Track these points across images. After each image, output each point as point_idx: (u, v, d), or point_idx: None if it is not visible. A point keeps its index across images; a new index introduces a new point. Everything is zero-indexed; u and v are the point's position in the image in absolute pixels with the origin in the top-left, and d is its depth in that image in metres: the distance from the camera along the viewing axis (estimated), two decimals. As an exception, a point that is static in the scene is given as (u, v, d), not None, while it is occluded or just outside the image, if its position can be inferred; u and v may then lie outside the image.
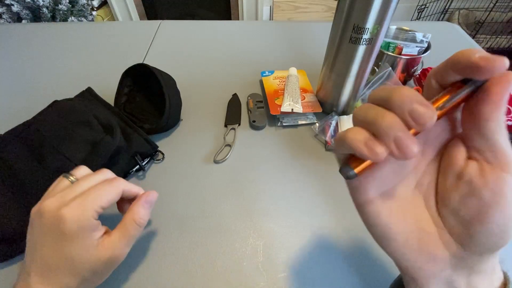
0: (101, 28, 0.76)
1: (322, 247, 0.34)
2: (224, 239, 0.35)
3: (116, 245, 0.27)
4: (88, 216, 0.25)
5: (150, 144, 0.42)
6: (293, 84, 0.51)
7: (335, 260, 0.33)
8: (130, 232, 0.28)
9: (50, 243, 0.25)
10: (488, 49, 1.87)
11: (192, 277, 0.32)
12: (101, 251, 0.26)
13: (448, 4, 2.07)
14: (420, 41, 0.52)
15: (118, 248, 0.27)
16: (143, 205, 0.30)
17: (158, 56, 0.65)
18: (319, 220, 0.37)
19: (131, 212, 0.29)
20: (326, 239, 0.35)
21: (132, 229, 0.28)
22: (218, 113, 0.51)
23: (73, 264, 0.25)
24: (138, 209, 0.29)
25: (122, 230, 0.28)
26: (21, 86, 0.57)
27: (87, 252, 0.25)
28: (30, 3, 1.36)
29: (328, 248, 0.34)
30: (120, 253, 0.27)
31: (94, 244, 0.26)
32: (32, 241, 0.26)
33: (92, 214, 0.26)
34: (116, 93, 0.48)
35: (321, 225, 0.36)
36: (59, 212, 0.25)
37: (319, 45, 0.64)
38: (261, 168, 0.43)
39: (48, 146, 0.34)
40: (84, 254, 0.25)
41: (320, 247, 0.34)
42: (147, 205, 0.30)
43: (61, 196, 0.26)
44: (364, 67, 0.43)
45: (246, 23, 0.92)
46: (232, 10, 2.07)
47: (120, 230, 0.28)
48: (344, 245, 0.35)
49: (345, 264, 0.33)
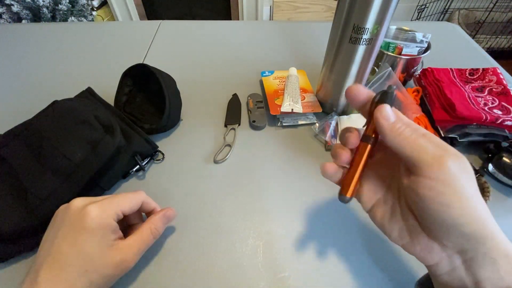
0: (101, 28, 0.76)
1: (322, 247, 0.34)
2: (224, 239, 0.35)
3: (129, 250, 0.28)
4: (109, 216, 0.27)
5: (150, 144, 0.42)
6: (293, 84, 0.51)
7: (335, 260, 0.33)
8: (144, 240, 0.30)
9: (69, 236, 0.26)
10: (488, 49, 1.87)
11: (192, 277, 0.32)
12: (114, 253, 0.27)
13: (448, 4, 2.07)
14: (420, 41, 0.52)
15: (130, 253, 0.28)
16: (161, 218, 0.32)
17: (158, 56, 0.65)
18: (319, 220, 0.37)
19: (150, 222, 0.31)
20: (326, 239, 0.35)
21: (147, 238, 0.30)
22: (218, 113, 0.51)
23: (86, 261, 0.26)
24: (156, 221, 0.31)
25: (137, 236, 0.29)
26: (21, 86, 0.57)
27: (101, 251, 0.26)
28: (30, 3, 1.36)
29: (328, 248, 0.34)
30: (131, 258, 0.28)
31: (109, 244, 0.27)
32: (51, 234, 0.27)
33: (113, 215, 0.28)
34: (116, 93, 0.48)
35: (321, 225, 0.36)
36: (85, 207, 0.27)
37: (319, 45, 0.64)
38: (261, 168, 0.43)
39: (48, 146, 0.34)
40: (98, 252, 0.26)
41: (320, 247, 0.34)
42: (165, 220, 0.33)
43: (89, 198, 0.29)
44: (364, 67, 0.43)
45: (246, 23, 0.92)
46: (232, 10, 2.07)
47: (135, 236, 0.29)
48: (344, 245, 0.35)
49: (345, 264, 0.33)
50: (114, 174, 0.39)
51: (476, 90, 0.49)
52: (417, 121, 0.46)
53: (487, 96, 0.47)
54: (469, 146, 0.45)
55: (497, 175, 0.39)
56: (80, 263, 0.25)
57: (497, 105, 0.45)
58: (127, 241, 0.29)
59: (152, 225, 0.31)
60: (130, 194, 0.31)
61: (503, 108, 0.44)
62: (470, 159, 0.42)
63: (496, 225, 0.20)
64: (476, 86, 0.49)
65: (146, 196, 0.32)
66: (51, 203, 0.32)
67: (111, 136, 0.36)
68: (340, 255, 0.34)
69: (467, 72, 0.52)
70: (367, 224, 0.36)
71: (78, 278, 0.25)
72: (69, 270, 0.25)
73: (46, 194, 0.32)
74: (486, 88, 0.49)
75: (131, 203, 0.30)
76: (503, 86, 0.48)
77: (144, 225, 0.31)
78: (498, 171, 0.39)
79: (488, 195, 0.37)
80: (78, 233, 0.26)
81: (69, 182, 0.33)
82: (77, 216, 0.27)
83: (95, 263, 0.26)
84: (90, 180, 0.35)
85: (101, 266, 0.26)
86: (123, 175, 0.40)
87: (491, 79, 0.50)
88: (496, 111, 0.43)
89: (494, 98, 0.47)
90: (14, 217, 0.31)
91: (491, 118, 0.41)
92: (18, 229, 0.31)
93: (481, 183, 0.39)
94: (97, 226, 0.26)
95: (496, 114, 0.42)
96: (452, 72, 0.52)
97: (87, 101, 0.43)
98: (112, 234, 0.28)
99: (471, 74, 0.52)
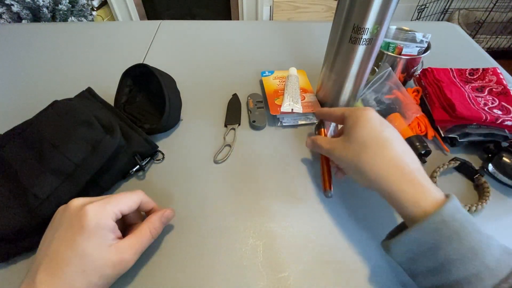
0: (101, 28, 0.76)
1: (322, 247, 0.34)
2: (224, 239, 0.35)
3: (128, 249, 0.28)
4: (108, 216, 0.27)
5: (150, 144, 0.42)
6: (293, 84, 0.51)
7: (335, 260, 0.33)
8: (143, 240, 0.30)
9: (67, 237, 0.26)
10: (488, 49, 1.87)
11: (192, 277, 0.32)
12: (113, 253, 0.27)
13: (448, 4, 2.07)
14: (420, 41, 0.52)
15: (128, 253, 0.28)
16: (160, 218, 0.32)
17: (158, 56, 0.65)
18: (319, 220, 0.37)
19: (149, 222, 0.31)
20: (326, 239, 0.35)
21: (145, 237, 0.30)
22: (218, 113, 0.51)
23: (84, 262, 0.25)
24: (155, 220, 0.31)
25: (136, 236, 0.29)
26: (21, 86, 0.57)
27: (99, 251, 0.26)
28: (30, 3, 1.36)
29: (328, 248, 0.34)
30: (130, 258, 0.28)
31: (107, 244, 0.27)
32: (49, 235, 0.27)
33: (111, 214, 0.28)
34: (116, 93, 0.48)
35: (321, 225, 0.36)
36: (83, 207, 0.27)
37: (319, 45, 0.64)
38: (261, 168, 0.43)
39: (48, 146, 0.34)
40: (96, 252, 0.26)
41: (320, 246, 0.34)
42: (164, 220, 0.33)
43: (88, 198, 0.29)
44: (364, 67, 0.43)
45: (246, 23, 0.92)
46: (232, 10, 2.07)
47: (134, 236, 0.29)
48: (344, 245, 0.35)
49: (346, 264, 0.33)
50: (114, 174, 0.39)
51: (476, 90, 0.49)
52: (417, 121, 0.46)
53: (487, 96, 0.47)
54: (469, 146, 0.45)
55: (497, 175, 0.39)
56: (78, 263, 0.25)
57: (497, 105, 0.45)
58: (125, 241, 0.28)
59: (151, 224, 0.31)
60: (128, 194, 0.30)
61: (503, 108, 0.44)
62: (470, 159, 0.42)
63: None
64: (476, 86, 0.49)
65: (144, 196, 0.32)
66: (51, 203, 0.32)
67: (111, 136, 0.36)
68: (340, 255, 0.34)
69: (467, 72, 0.52)
70: (368, 224, 0.36)
71: (76, 279, 0.25)
72: (66, 271, 0.25)
73: (46, 194, 0.32)
74: (486, 88, 0.49)
75: (130, 202, 0.30)
76: (503, 86, 0.48)
77: (143, 224, 0.31)
78: (498, 171, 0.39)
79: (488, 195, 0.37)
80: (76, 233, 0.26)
81: (69, 182, 0.33)
82: (75, 216, 0.27)
83: (93, 263, 0.26)
84: (90, 180, 0.35)
85: (99, 266, 0.26)
86: (123, 175, 0.40)
87: (491, 79, 0.50)
88: (496, 111, 0.44)
89: (494, 98, 0.47)
90: (14, 217, 0.31)
91: (491, 118, 0.41)
92: (18, 229, 0.31)
93: (481, 183, 0.39)
94: (95, 226, 0.26)
95: (496, 114, 0.42)
96: (452, 72, 0.52)
97: (87, 101, 0.43)
98: (111, 234, 0.27)
99: (471, 74, 0.52)
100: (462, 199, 0.39)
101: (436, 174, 0.40)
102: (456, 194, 0.40)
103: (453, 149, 0.45)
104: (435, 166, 0.41)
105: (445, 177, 0.42)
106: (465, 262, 0.24)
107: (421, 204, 0.26)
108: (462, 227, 0.24)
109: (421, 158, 0.42)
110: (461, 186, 0.41)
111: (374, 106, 0.49)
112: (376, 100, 0.50)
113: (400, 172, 0.28)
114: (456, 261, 0.24)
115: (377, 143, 0.30)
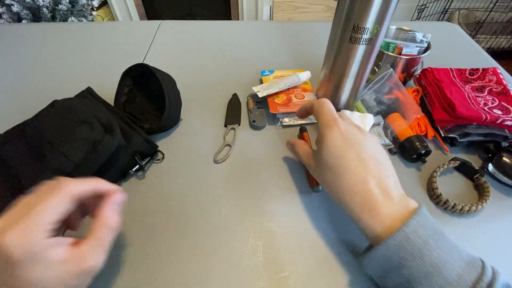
0: (101, 28, 0.76)
1: (322, 247, 0.34)
2: (224, 239, 0.35)
3: (89, 255, 0.24)
4: (37, 239, 0.22)
5: (149, 143, 0.42)
6: (287, 81, 0.51)
7: (335, 260, 0.33)
8: (103, 239, 0.26)
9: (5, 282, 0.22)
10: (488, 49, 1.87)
11: (192, 277, 0.32)
12: (71, 265, 0.23)
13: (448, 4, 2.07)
14: (420, 41, 0.52)
15: (91, 258, 0.24)
16: (111, 209, 0.27)
17: (158, 56, 0.65)
18: (319, 220, 0.37)
19: (100, 218, 0.26)
20: (327, 239, 0.35)
21: (105, 235, 0.26)
22: (218, 113, 0.51)
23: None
24: (107, 214, 0.27)
25: (94, 238, 0.25)
26: (21, 86, 0.57)
27: (52, 271, 0.22)
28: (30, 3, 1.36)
29: (328, 247, 0.34)
30: (95, 262, 0.25)
31: (59, 260, 0.23)
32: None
33: (41, 235, 0.22)
34: (116, 93, 0.48)
35: (321, 225, 0.36)
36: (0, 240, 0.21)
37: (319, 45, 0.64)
38: (261, 168, 0.43)
39: (47, 145, 0.34)
40: (48, 275, 0.22)
41: (321, 246, 0.34)
42: (116, 207, 0.28)
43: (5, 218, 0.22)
44: (364, 67, 0.43)
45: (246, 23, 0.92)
46: (232, 10, 2.07)
47: (91, 239, 0.25)
48: (345, 245, 0.35)
49: (346, 263, 0.33)
50: (114, 174, 0.39)
51: (476, 90, 0.49)
52: (417, 121, 0.46)
53: (487, 96, 0.47)
54: (469, 146, 0.45)
55: (497, 175, 0.39)
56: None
57: (497, 105, 0.45)
58: (82, 247, 0.24)
59: (106, 219, 0.26)
60: (49, 197, 0.24)
61: (503, 108, 0.44)
62: (470, 159, 0.42)
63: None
64: (476, 86, 0.49)
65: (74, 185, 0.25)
66: (51, 203, 0.32)
67: (111, 136, 0.36)
68: (340, 254, 0.34)
69: (467, 72, 0.52)
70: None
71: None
72: None
73: (46, 194, 0.32)
74: (486, 88, 0.49)
75: (57, 207, 0.23)
76: (503, 86, 0.48)
77: (95, 223, 0.26)
78: (498, 171, 0.39)
79: (488, 195, 0.37)
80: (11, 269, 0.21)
81: (69, 182, 0.33)
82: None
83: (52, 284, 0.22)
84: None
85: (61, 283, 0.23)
86: (123, 175, 0.40)
87: (491, 79, 0.50)
88: (496, 111, 0.44)
89: (494, 98, 0.47)
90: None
91: (491, 118, 0.41)
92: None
93: (481, 183, 0.39)
94: (25, 257, 0.21)
95: (496, 114, 0.42)
96: (452, 72, 0.52)
97: (87, 101, 0.43)
98: (55, 249, 0.23)
99: (471, 74, 0.52)
100: (462, 199, 0.39)
101: (436, 174, 0.40)
102: (456, 194, 0.40)
103: (453, 149, 0.45)
104: (435, 166, 0.41)
105: (445, 177, 0.42)
106: (428, 279, 0.24)
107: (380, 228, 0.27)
108: (425, 243, 0.25)
109: (421, 158, 0.42)
110: (461, 186, 0.41)
111: (374, 106, 0.49)
112: (376, 100, 0.50)
113: (360, 199, 0.29)
114: (420, 278, 0.24)
115: (338, 169, 0.30)
